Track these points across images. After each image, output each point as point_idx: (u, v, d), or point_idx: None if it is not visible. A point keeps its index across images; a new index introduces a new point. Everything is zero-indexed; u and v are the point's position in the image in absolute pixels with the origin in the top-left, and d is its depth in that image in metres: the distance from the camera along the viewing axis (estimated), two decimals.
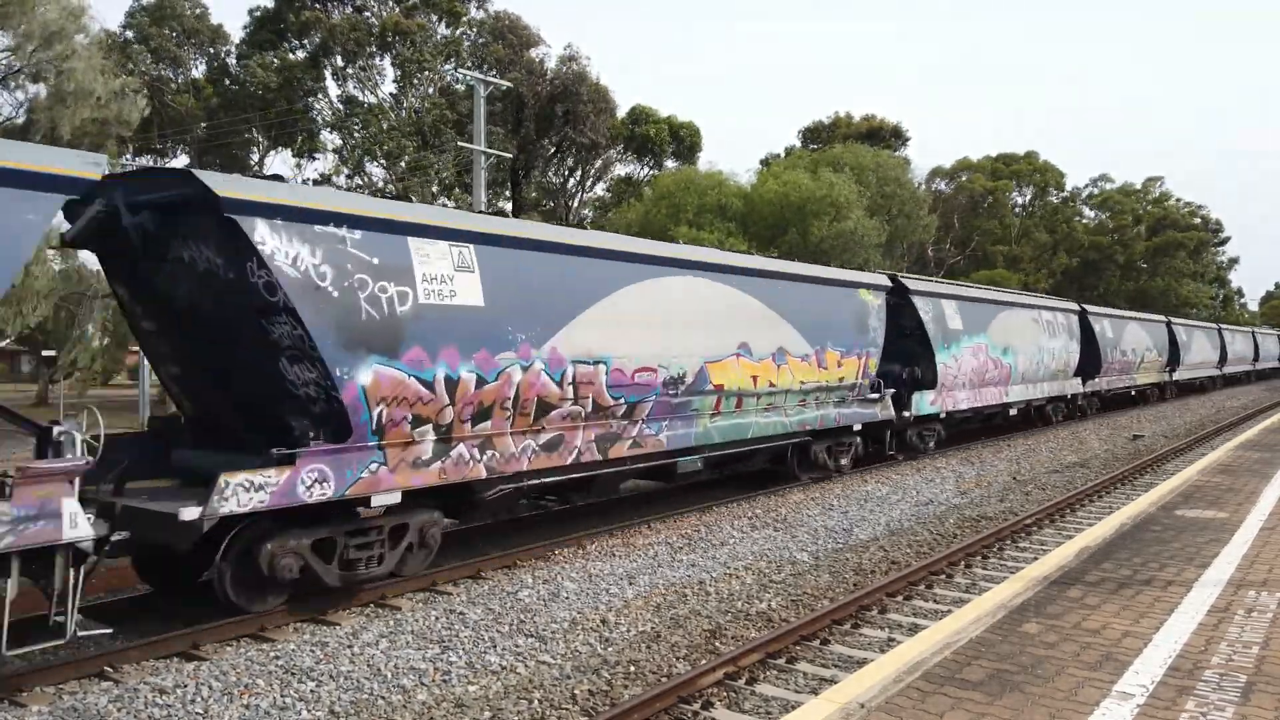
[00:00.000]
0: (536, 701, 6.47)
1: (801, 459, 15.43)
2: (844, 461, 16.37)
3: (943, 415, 19.13)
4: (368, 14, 38.02)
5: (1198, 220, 76.65)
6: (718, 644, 7.74)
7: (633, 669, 7.12)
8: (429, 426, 8.80)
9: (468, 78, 27.65)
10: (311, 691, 6.60)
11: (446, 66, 36.07)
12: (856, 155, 42.43)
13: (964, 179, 65.60)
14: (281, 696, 6.52)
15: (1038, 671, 5.77)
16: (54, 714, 6.17)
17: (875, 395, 16.53)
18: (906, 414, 17.68)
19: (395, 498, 8.58)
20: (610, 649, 7.57)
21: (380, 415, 8.29)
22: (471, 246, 9.21)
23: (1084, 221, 73.66)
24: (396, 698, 6.55)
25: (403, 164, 34.29)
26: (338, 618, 8.27)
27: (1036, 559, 9.69)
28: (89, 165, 6.43)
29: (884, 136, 53.18)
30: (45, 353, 34.17)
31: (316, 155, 41.29)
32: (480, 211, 18.36)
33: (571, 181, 45.48)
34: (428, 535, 9.10)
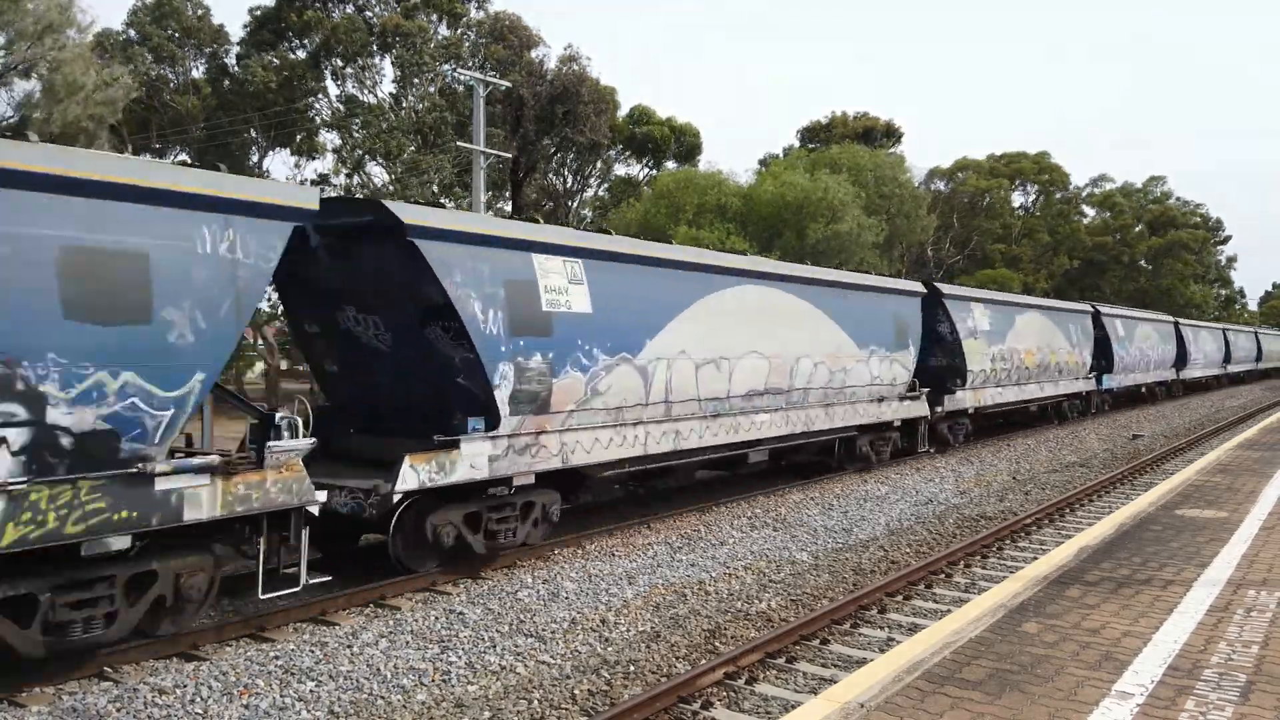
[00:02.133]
0: (536, 701, 6.47)
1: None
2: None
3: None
4: (368, 14, 38.02)
5: (1198, 219, 76.63)
6: (717, 644, 7.74)
7: (632, 669, 7.12)
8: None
9: (467, 78, 27.65)
10: (311, 691, 6.60)
11: (446, 67, 36.05)
12: (854, 155, 42.44)
13: (961, 179, 65.57)
14: (281, 696, 6.52)
15: (1037, 671, 5.77)
16: (54, 714, 6.17)
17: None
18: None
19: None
20: (610, 649, 7.57)
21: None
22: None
23: (1085, 221, 73.63)
24: (396, 698, 6.55)
25: (401, 165, 34.29)
26: (337, 618, 8.27)
27: (1036, 559, 9.69)
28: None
29: (877, 135, 53.18)
30: None
31: (316, 155, 41.30)
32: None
33: (572, 182, 45.50)
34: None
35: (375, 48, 36.70)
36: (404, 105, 36.82)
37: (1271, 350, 60.93)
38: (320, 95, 38.93)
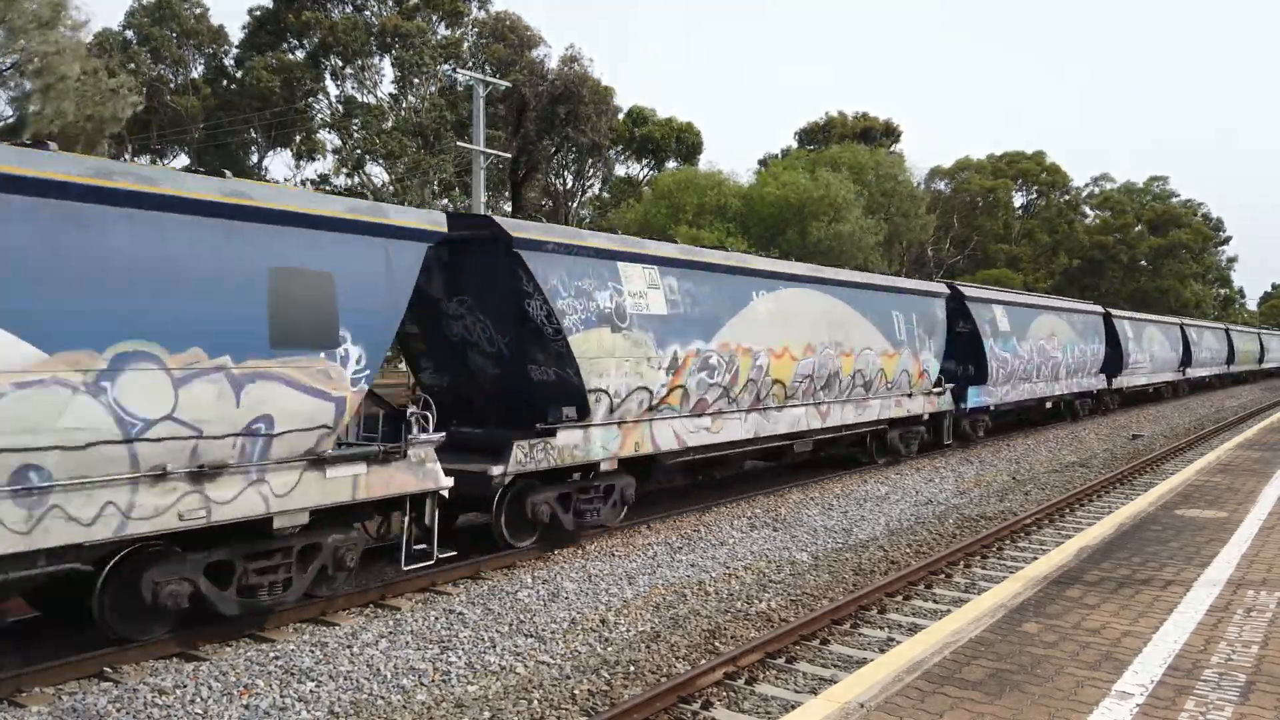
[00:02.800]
0: (536, 702, 6.47)
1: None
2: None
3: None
4: (367, 13, 38.02)
5: (1199, 219, 76.60)
6: (717, 644, 7.75)
7: (632, 669, 7.12)
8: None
9: (467, 78, 27.65)
10: (311, 692, 6.60)
11: (445, 67, 36.07)
12: (854, 155, 42.46)
13: (962, 179, 65.55)
14: (281, 697, 6.52)
15: (1037, 671, 5.77)
16: (54, 714, 6.17)
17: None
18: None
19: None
20: (610, 649, 7.57)
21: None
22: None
23: (1085, 221, 73.60)
24: (396, 698, 6.55)
25: (401, 165, 34.29)
26: (337, 618, 8.27)
27: (1036, 559, 9.69)
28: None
29: (876, 135, 53.18)
30: None
31: (316, 156, 41.31)
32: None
33: (572, 182, 45.50)
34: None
35: (375, 48, 36.68)
36: (404, 106, 36.81)
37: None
38: (320, 96, 38.93)
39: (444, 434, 9.02)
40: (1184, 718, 5.06)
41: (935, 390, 18.73)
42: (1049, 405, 25.75)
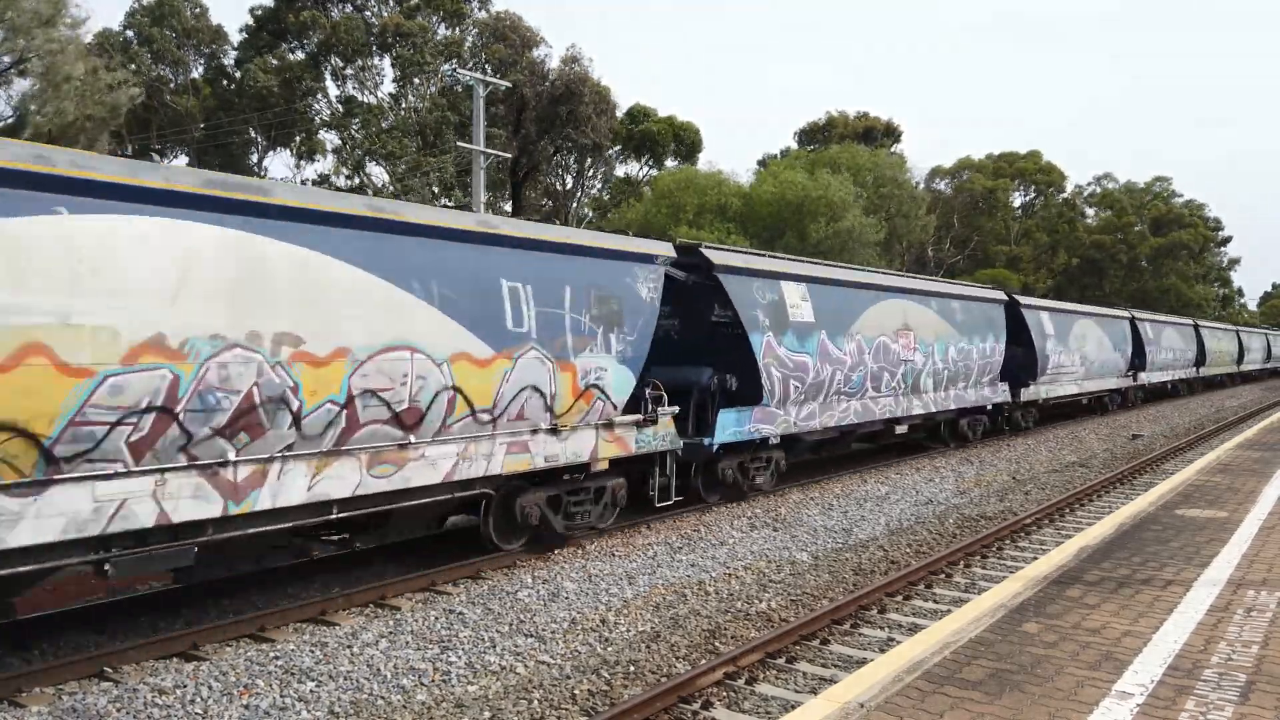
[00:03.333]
0: (536, 701, 6.47)
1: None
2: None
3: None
4: (367, 13, 38.01)
5: (1199, 220, 76.58)
6: (717, 644, 7.74)
7: (632, 669, 7.12)
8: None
9: (467, 78, 27.65)
10: (311, 692, 6.60)
11: (446, 67, 36.07)
12: (853, 155, 42.47)
13: (963, 179, 65.55)
14: (281, 697, 6.52)
15: (1037, 671, 5.77)
16: (54, 714, 6.17)
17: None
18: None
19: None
20: (610, 649, 7.57)
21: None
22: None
23: (1086, 221, 73.60)
24: (396, 698, 6.55)
25: (402, 165, 34.30)
26: (337, 618, 8.27)
27: (1036, 558, 9.69)
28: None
29: (877, 135, 53.17)
30: None
31: (316, 156, 41.31)
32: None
33: (572, 182, 45.49)
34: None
35: (375, 48, 36.68)
36: (403, 106, 36.83)
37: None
38: (320, 95, 38.92)
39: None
40: (1184, 718, 5.06)
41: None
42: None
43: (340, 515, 8.32)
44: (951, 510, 13.84)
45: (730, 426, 13.19)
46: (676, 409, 12.22)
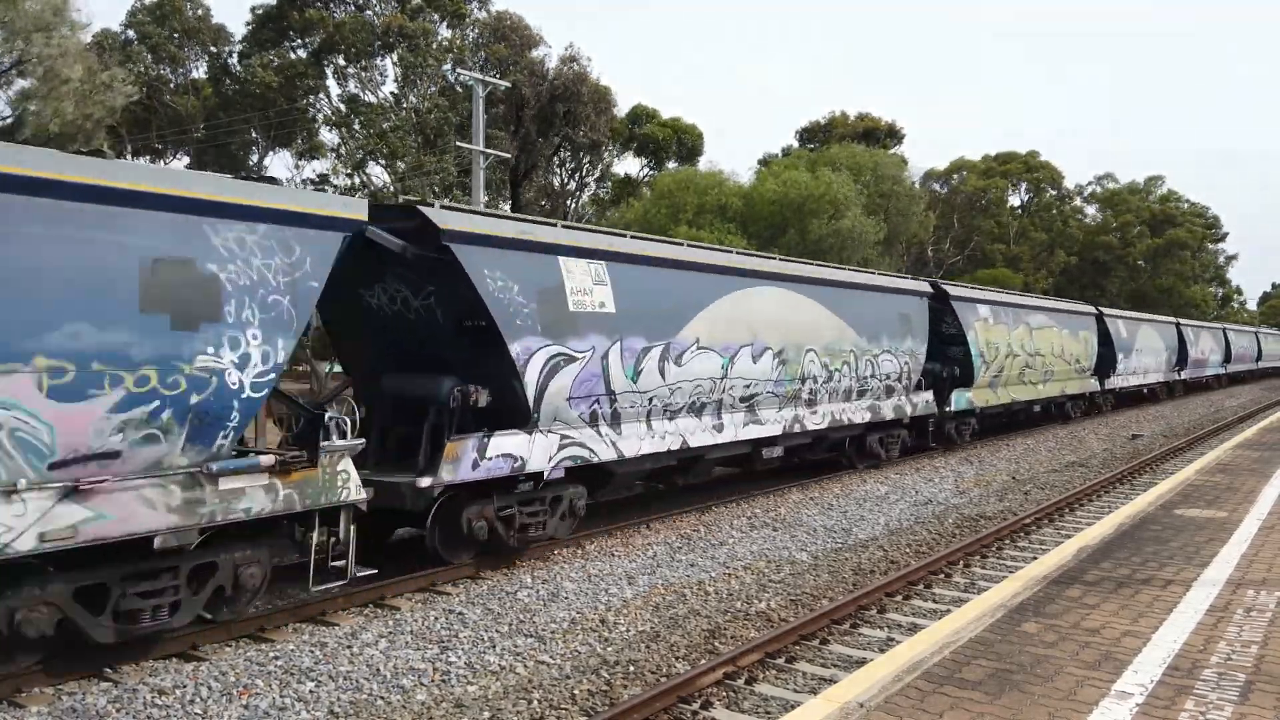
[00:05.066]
0: (536, 702, 6.48)
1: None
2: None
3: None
4: (369, 13, 38.01)
5: (1197, 219, 76.52)
6: (717, 644, 7.75)
7: (632, 669, 7.12)
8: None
9: (467, 78, 27.66)
10: (311, 692, 6.60)
11: (447, 67, 36.09)
12: (853, 155, 42.46)
13: (956, 179, 65.54)
14: (280, 697, 6.52)
15: (1037, 671, 5.77)
16: (53, 714, 6.18)
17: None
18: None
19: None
20: (609, 649, 7.57)
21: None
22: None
23: (1084, 220, 73.59)
24: (396, 698, 6.55)
25: (402, 165, 34.31)
26: (337, 618, 8.28)
27: (1036, 558, 9.69)
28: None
29: (879, 136, 53.16)
30: None
31: (317, 156, 41.29)
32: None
33: (571, 182, 45.49)
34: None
35: (378, 48, 36.70)
36: (404, 106, 36.85)
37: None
38: (321, 95, 38.92)
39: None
40: (1184, 718, 5.06)
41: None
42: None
43: None
44: (951, 510, 13.84)
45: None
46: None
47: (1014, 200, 70.97)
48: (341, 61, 37.14)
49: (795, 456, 16.02)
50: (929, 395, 18.78)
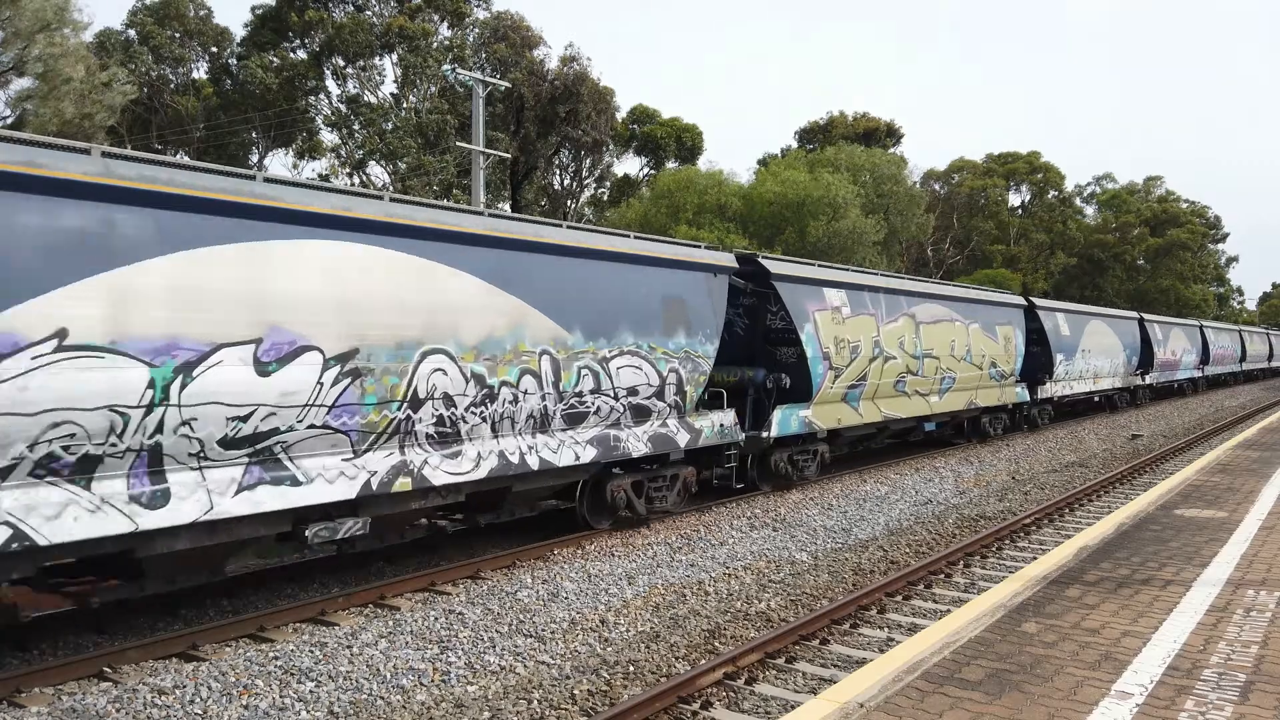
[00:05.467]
0: (536, 702, 6.47)
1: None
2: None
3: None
4: (368, 13, 38.00)
5: (1198, 219, 76.52)
6: (717, 644, 7.75)
7: (632, 669, 7.12)
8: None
9: (467, 78, 27.66)
10: (310, 692, 6.60)
11: (447, 67, 36.12)
12: (852, 155, 42.47)
13: (955, 180, 65.52)
14: (280, 697, 6.52)
15: (1037, 671, 5.77)
16: (53, 714, 6.17)
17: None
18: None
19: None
20: (609, 649, 7.57)
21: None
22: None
23: (1083, 220, 73.59)
24: (396, 698, 6.55)
25: (403, 165, 34.31)
26: (337, 618, 8.28)
27: (1035, 559, 9.69)
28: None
29: (879, 136, 53.15)
30: None
31: (316, 156, 41.30)
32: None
33: (571, 182, 45.48)
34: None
35: (378, 48, 36.70)
36: (404, 106, 36.84)
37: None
38: (321, 95, 38.92)
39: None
40: (1184, 717, 5.06)
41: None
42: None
43: None
44: (951, 510, 13.84)
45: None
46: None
47: (1014, 200, 70.97)
48: (340, 62, 37.14)
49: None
50: (724, 417, 13.19)
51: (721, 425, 13.14)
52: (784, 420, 14.43)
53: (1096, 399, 29.69)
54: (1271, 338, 63.44)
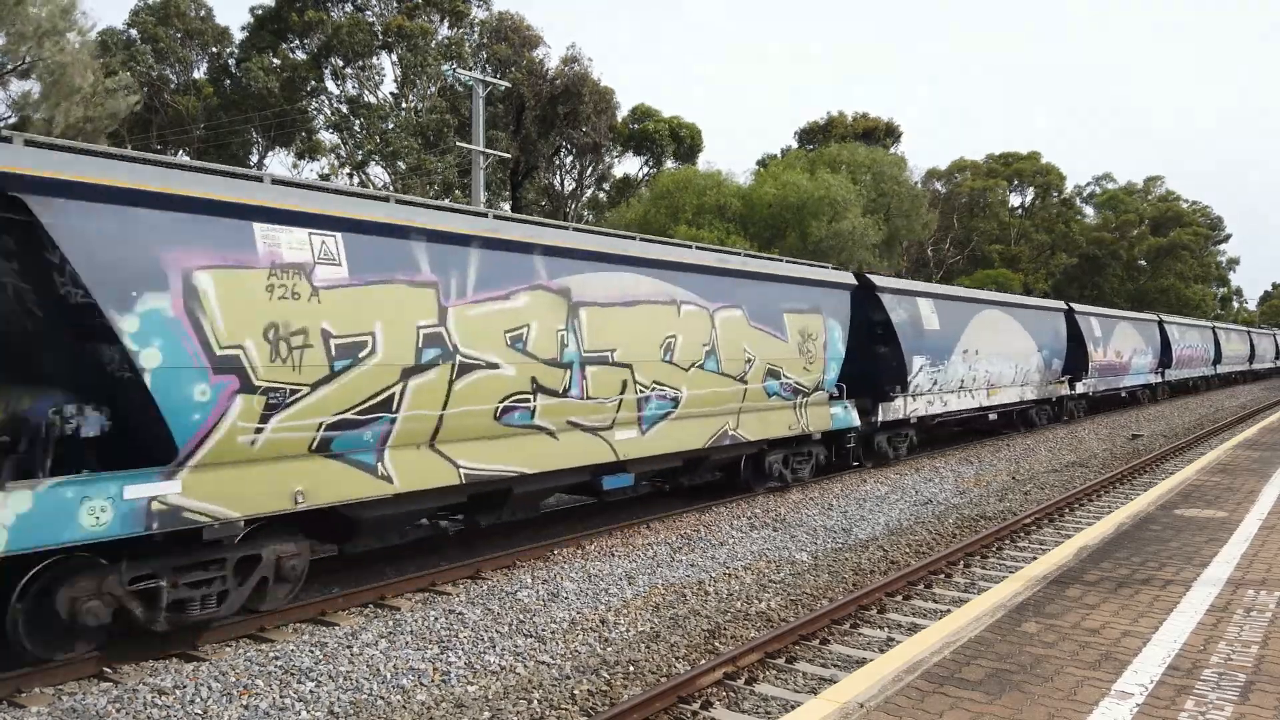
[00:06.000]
0: (536, 702, 6.47)
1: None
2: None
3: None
4: (368, 13, 38.00)
5: (1200, 219, 76.52)
6: (717, 644, 7.75)
7: (632, 669, 7.12)
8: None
9: (466, 78, 27.67)
10: (311, 692, 6.60)
11: (446, 67, 36.12)
12: (852, 154, 42.46)
13: (957, 180, 65.53)
14: (280, 697, 6.52)
15: (1037, 671, 5.77)
16: (53, 714, 6.17)
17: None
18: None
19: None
20: (609, 649, 7.57)
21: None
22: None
23: (1084, 220, 73.61)
24: (396, 698, 6.55)
25: (402, 165, 34.32)
26: (337, 618, 8.28)
27: (1036, 558, 9.69)
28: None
29: (878, 136, 53.16)
30: None
31: (317, 156, 41.31)
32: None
33: (571, 182, 45.47)
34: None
35: (376, 47, 36.69)
36: (404, 106, 36.84)
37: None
38: (321, 95, 38.92)
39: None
40: (1184, 717, 5.06)
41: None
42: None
43: None
44: (951, 510, 13.84)
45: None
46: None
47: (1015, 200, 70.97)
48: (339, 62, 37.14)
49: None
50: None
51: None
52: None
53: (992, 417, 22.06)
54: (1278, 338, 64.10)
